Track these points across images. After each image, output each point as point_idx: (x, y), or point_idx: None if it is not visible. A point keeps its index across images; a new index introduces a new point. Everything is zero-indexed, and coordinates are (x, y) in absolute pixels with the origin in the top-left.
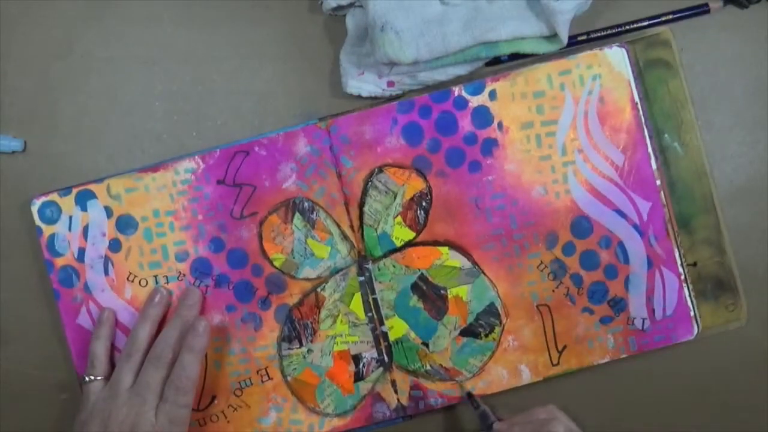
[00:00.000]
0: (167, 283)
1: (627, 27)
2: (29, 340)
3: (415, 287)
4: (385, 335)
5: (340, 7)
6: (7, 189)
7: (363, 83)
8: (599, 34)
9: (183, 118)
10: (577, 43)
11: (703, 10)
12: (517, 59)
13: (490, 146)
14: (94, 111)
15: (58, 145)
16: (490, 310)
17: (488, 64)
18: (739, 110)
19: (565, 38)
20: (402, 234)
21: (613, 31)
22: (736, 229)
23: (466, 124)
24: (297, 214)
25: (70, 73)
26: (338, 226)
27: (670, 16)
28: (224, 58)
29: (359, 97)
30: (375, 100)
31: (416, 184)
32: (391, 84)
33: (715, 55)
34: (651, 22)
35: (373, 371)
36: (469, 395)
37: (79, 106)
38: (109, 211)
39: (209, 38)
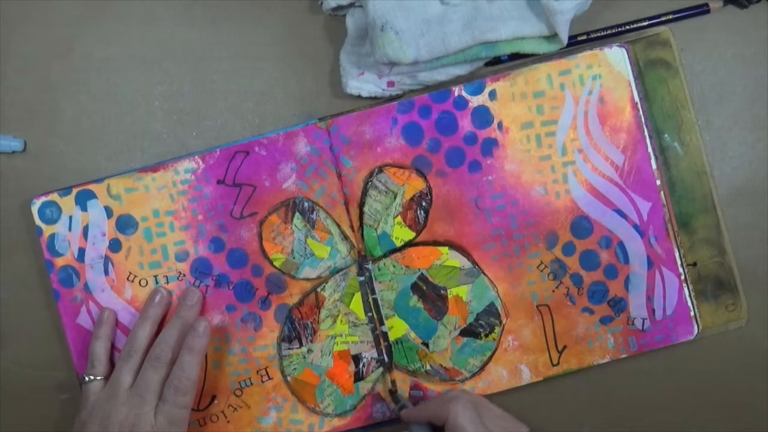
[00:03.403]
0: (167, 283)
1: (627, 27)
2: (29, 340)
3: (415, 287)
4: (385, 335)
5: (340, 7)
6: (7, 189)
7: (363, 83)
8: (599, 34)
9: (183, 118)
10: (577, 43)
11: (703, 10)
12: (517, 59)
13: (490, 146)
14: (94, 111)
15: (58, 145)
16: (490, 310)
17: (488, 64)
18: (739, 110)
19: (565, 38)
20: (402, 234)
21: (613, 31)
22: (736, 229)
23: (466, 124)
24: (297, 214)
25: (70, 73)
26: (338, 226)
27: (670, 16)
28: (224, 58)
29: (359, 97)
30: (375, 100)
31: (416, 184)
32: (391, 84)
33: (715, 55)
34: (651, 22)
35: (373, 371)
36: (392, 392)
37: (79, 106)
38: (109, 211)
39: (209, 38)
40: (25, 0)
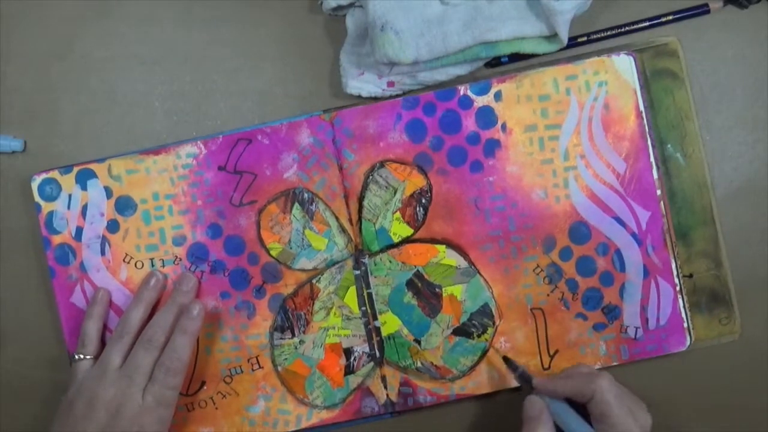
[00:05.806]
0: (163, 266)
1: (627, 28)
2: (29, 340)
3: (410, 284)
4: (377, 330)
5: (340, 7)
6: (7, 189)
7: (363, 83)
8: (600, 35)
9: (183, 118)
10: (577, 44)
11: (703, 10)
12: (517, 59)
13: (492, 147)
14: (94, 111)
15: (58, 145)
16: (484, 311)
17: (488, 64)
18: (739, 110)
19: (565, 38)
20: (400, 230)
21: (614, 32)
22: (737, 230)
23: (470, 123)
24: (296, 205)
25: (70, 73)
26: (337, 218)
27: (671, 17)
28: (224, 58)
29: (359, 97)
30: (375, 101)
31: (417, 181)
32: (391, 84)
33: (715, 55)
34: (651, 23)
35: (363, 365)
36: (506, 359)
37: (79, 106)
38: (108, 192)
39: (209, 38)
40: (25, 0)
